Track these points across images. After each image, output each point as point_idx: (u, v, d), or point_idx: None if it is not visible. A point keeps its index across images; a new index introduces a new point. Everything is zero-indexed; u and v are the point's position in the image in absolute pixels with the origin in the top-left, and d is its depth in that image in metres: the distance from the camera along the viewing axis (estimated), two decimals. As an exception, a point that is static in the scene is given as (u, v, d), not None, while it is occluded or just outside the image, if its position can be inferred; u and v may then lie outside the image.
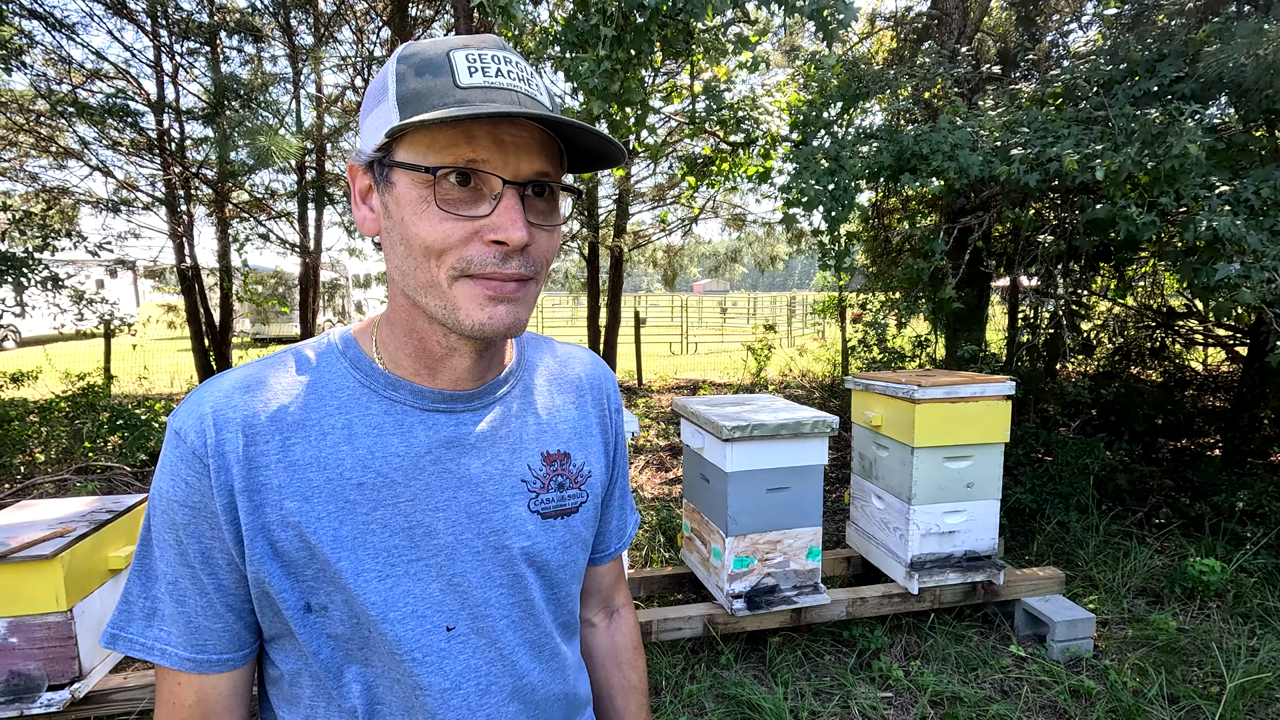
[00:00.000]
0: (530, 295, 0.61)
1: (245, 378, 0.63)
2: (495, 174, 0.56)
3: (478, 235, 0.57)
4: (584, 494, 0.73)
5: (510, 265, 0.58)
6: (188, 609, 0.61)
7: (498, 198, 0.57)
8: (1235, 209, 2.75)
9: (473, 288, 0.58)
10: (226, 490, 0.59)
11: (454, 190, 0.56)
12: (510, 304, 0.59)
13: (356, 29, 7.16)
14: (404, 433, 0.63)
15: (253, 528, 0.59)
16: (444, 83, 0.56)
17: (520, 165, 0.57)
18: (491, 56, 0.58)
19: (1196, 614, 2.97)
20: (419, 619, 0.62)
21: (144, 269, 8.47)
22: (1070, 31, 5.58)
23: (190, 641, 0.61)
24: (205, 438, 0.59)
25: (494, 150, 0.56)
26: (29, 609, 1.92)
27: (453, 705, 0.63)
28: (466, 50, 0.57)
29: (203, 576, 0.60)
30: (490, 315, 0.58)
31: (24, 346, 13.58)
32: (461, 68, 0.56)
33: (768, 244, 10.43)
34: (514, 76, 0.58)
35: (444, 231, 0.56)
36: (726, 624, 2.60)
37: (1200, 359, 6.12)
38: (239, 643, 0.63)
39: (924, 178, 3.31)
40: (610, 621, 0.88)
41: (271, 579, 0.60)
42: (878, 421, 2.89)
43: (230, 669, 0.63)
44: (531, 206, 0.59)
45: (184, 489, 0.59)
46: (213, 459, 0.59)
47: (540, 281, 0.62)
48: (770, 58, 7.12)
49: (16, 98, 6.15)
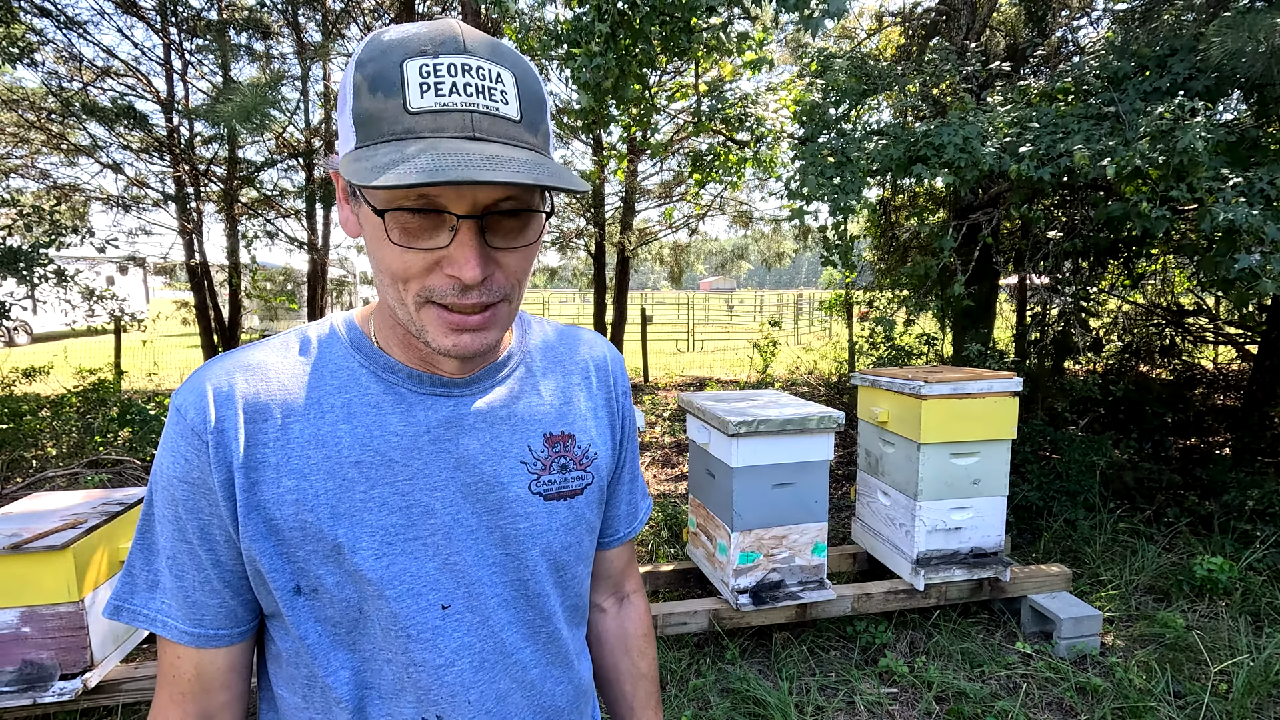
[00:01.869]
0: (500, 317, 0.60)
1: (247, 357, 0.64)
2: (448, 210, 0.54)
3: (439, 265, 0.56)
4: (589, 476, 0.72)
5: (470, 297, 0.56)
6: (185, 584, 0.62)
7: (454, 229, 0.55)
8: (1250, 200, 2.73)
9: (437, 316, 0.57)
10: (225, 467, 0.59)
11: (412, 221, 0.54)
12: (475, 333, 0.58)
13: (364, 25, 7.18)
14: (403, 412, 0.64)
15: (249, 504, 0.60)
16: (394, 106, 0.52)
17: (477, 196, 0.54)
18: (448, 67, 0.53)
19: (1204, 612, 2.95)
20: (414, 596, 0.63)
21: (154, 265, 8.53)
22: (1080, 27, 5.54)
23: (188, 615, 0.62)
24: (205, 415, 0.60)
25: (446, 186, 0.52)
26: (41, 599, 1.95)
27: (446, 681, 0.64)
28: (420, 60, 0.53)
29: (200, 552, 0.61)
30: (455, 343, 0.58)
31: (37, 342, 13.71)
32: (413, 85, 0.52)
33: (774, 241, 10.41)
34: (470, 91, 0.53)
35: (405, 262, 0.56)
36: (732, 619, 2.60)
37: (1210, 357, 6.07)
38: (235, 619, 0.64)
39: (935, 169, 3.30)
40: (621, 607, 0.88)
41: (263, 557, 0.60)
42: (884, 417, 2.88)
43: (227, 644, 0.64)
44: (498, 230, 0.57)
45: (183, 465, 0.60)
46: (212, 436, 0.59)
47: (514, 301, 0.61)
48: (775, 56, 7.10)
49: (28, 95, 6.20)
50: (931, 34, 5.41)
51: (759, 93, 4.71)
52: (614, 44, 3.44)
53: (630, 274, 8.99)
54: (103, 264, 14.80)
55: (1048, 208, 4.21)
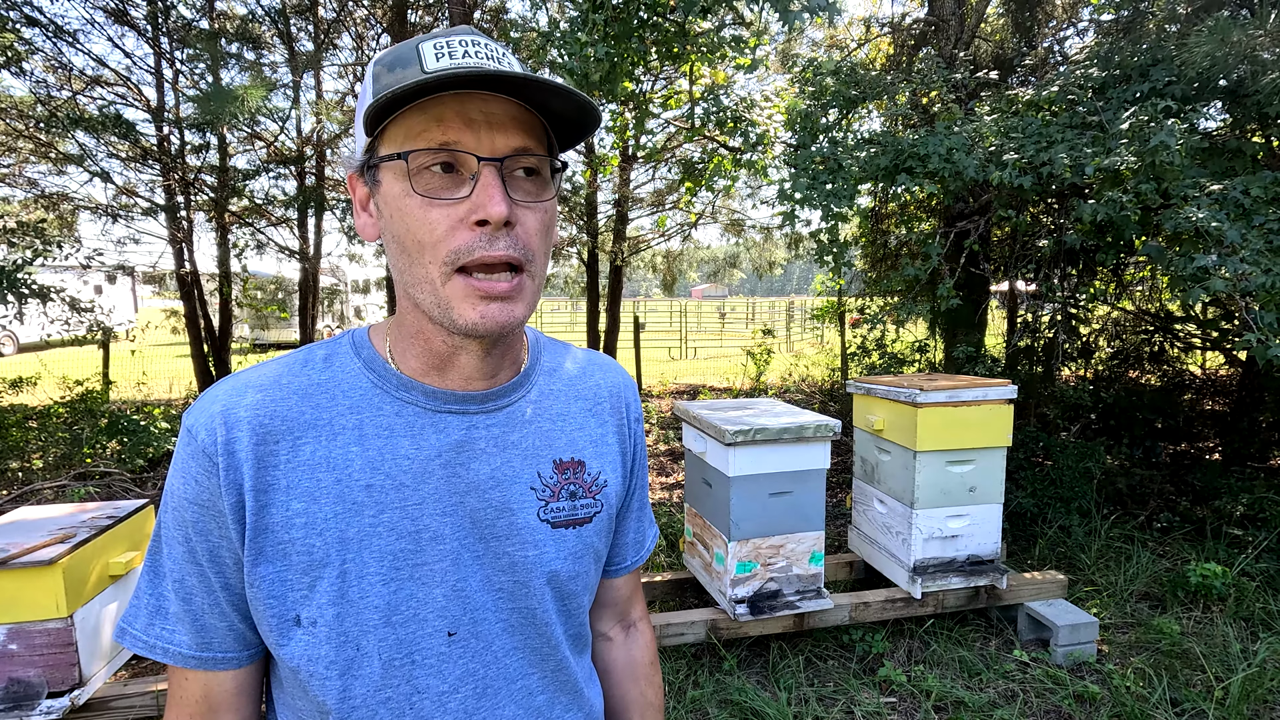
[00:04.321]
0: (525, 292, 0.60)
1: (259, 377, 0.63)
2: (469, 152, 0.55)
3: (463, 222, 0.56)
4: (598, 504, 0.71)
5: (498, 246, 0.56)
6: (194, 607, 0.61)
7: (475, 177, 0.56)
8: (1224, 207, 2.77)
9: (465, 285, 0.57)
10: (235, 489, 0.59)
11: (434, 178, 0.56)
12: (503, 302, 0.58)
13: (356, 35, 7.19)
14: (414, 435, 0.63)
15: (257, 526, 0.59)
16: (412, 72, 0.56)
17: (495, 141, 0.56)
18: (459, 41, 0.58)
19: (1199, 618, 2.96)
20: (420, 622, 0.62)
21: (143, 274, 8.47)
22: (1066, 38, 5.61)
23: (196, 640, 0.61)
24: (215, 436, 0.59)
25: (464, 130, 0.55)
26: (29, 615, 1.91)
27: (450, 708, 0.63)
28: (435, 40, 0.58)
29: (210, 574, 0.60)
30: (482, 314, 0.58)
31: (23, 352, 13.55)
32: (429, 55, 0.57)
33: (766, 249, 10.46)
34: (482, 55, 0.57)
35: (430, 221, 0.56)
36: (729, 629, 2.59)
37: (1199, 363, 6.14)
38: (244, 642, 0.63)
39: (919, 178, 3.33)
40: (627, 636, 0.87)
41: (266, 583, 0.59)
42: (880, 425, 2.89)
43: (236, 667, 0.63)
44: (517, 186, 0.58)
45: (194, 487, 0.59)
46: (222, 457, 0.59)
47: (536, 277, 0.61)
48: (768, 61, 7.16)
49: (16, 104, 6.15)
50: (921, 44, 5.47)
51: (750, 100, 4.73)
52: (606, 38, 3.45)
53: (623, 282, 9.00)
54: (91, 272, 14.68)
55: (1035, 215, 4.25)
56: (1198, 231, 2.71)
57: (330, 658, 0.60)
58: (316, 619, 0.60)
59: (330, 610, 0.60)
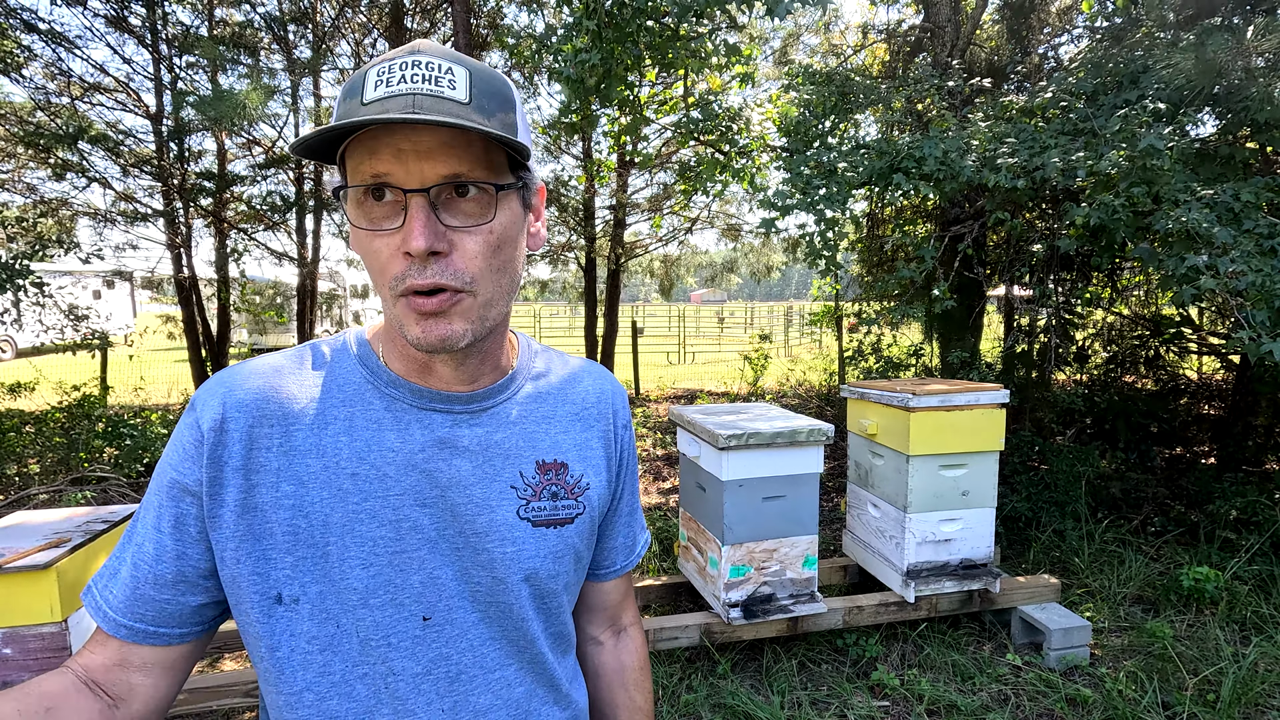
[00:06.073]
0: (464, 309, 0.60)
1: (265, 365, 0.67)
2: (397, 186, 0.57)
3: (399, 250, 0.58)
4: (580, 506, 0.73)
5: (426, 275, 0.57)
6: (140, 574, 0.62)
7: (405, 209, 0.57)
8: (1215, 210, 2.79)
9: (406, 305, 0.59)
10: (216, 465, 0.61)
11: (375, 208, 0.58)
12: (438, 319, 0.59)
13: (354, 42, 7.22)
14: (401, 430, 0.66)
15: (244, 505, 0.61)
16: (354, 104, 0.57)
17: (425, 171, 0.56)
18: (400, 64, 0.57)
19: (1192, 621, 2.97)
20: (397, 606, 0.64)
21: (142, 279, 8.47)
22: (1060, 45, 5.65)
23: (130, 609, 0.62)
24: (211, 411, 0.63)
25: (393, 161, 0.56)
26: (23, 619, 1.92)
27: (423, 690, 0.65)
28: (379, 66, 0.57)
29: (169, 542, 0.62)
30: (424, 330, 0.59)
31: (21, 357, 13.55)
32: (370, 84, 0.56)
33: (763, 254, 10.48)
34: (418, 79, 0.56)
35: (374, 250, 0.59)
36: (723, 633, 2.60)
37: (1194, 367, 6.15)
38: (180, 620, 0.63)
39: (915, 180, 3.35)
40: (618, 640, 0.88)
41: (248, 560, 0.61)
42: (873, 430, 2.90)
43: (164, 644, 0.63)
44: (456, 210, 0.59)
45: (179, 455, 0.63)
46: (212, 433, 0.62)
47: (480, 294, 0.61)
48: (762, 70, 7.19)
49: (15, 109, 6.17)
50: (917, 50, 5.50)
51: (738, 109, 4.75)
52: (600, 42, 3.47)
53: (621, 287, 9.02)
54: (89, 278, 14.70)
55: (1029, 220, 4.27)
56: (1188, 233, 2.73)
57: (312, 633, 0.63)
58: (299, 596, 0.62)
59: (314, 588, 0.62)
